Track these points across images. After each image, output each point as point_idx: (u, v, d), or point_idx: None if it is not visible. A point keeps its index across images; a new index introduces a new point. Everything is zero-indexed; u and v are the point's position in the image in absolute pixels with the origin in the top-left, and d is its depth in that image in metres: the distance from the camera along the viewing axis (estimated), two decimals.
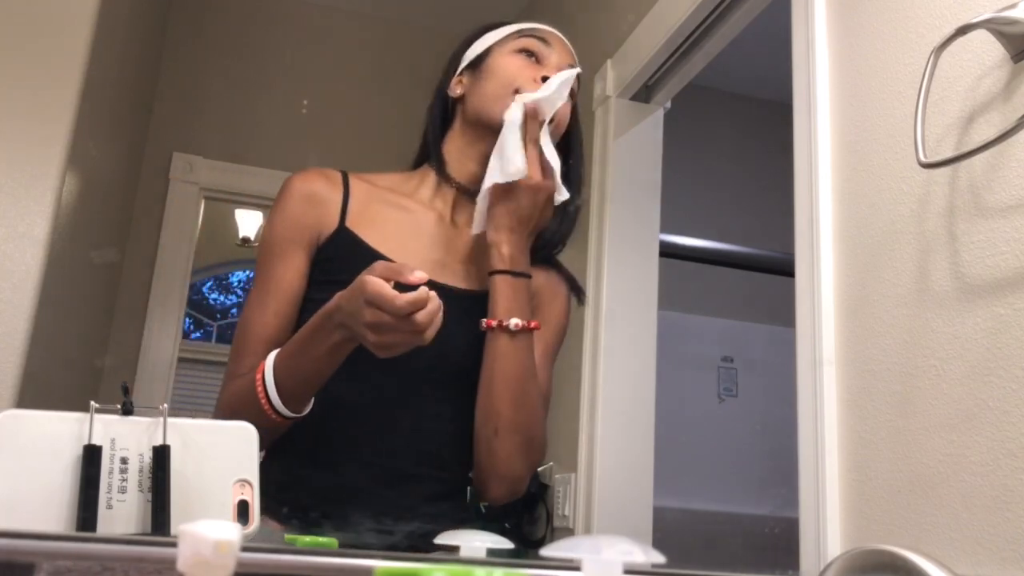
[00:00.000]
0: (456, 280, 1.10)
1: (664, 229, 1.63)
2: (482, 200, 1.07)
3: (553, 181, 1.06)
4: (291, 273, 1.05)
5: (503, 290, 1.05)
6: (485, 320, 1.04)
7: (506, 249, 1.05)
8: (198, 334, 1.77)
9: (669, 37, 1.46)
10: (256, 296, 1.07)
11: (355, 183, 1.13)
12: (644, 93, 1.63)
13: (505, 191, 1.05)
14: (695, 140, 2.11)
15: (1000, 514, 0.75)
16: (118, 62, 1.54)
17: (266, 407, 0.95)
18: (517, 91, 1.09)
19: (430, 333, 0.88)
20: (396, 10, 1.98)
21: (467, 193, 1.13)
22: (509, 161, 1.04)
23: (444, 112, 1.17)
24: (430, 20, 1.88)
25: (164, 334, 1.67)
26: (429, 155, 1.18)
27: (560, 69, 1.12)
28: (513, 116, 1.06)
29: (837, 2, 1.05)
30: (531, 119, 1.06)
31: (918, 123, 0.82)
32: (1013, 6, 0.78)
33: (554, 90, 1.07)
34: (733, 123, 2.23)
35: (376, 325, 0.87)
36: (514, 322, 1.03)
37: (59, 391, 1.33)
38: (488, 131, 1.10)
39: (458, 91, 1.16)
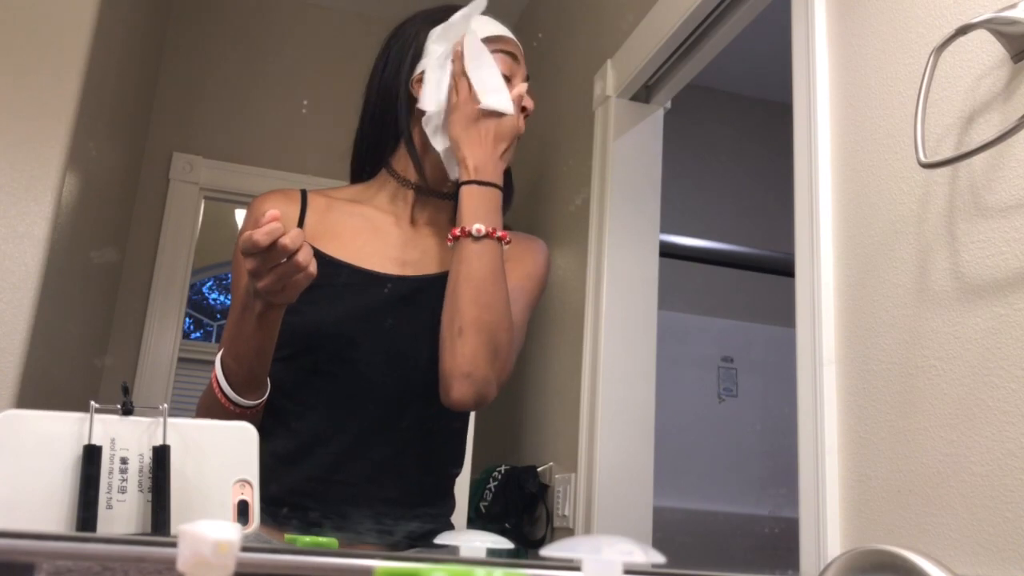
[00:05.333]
0: (418, 272, 1.12)
1: (664, 229, 1.63)
2: (432, 120, 1.09)
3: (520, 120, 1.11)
4: None
5: (466, 198, 1.06)
6: (451, 231, 1.06)
7: (471, 161, 1.07)
8: (198, 334, 1.77)
9: (669, 37, 1.46)
10: (230, 314, 1.09)
11: (313, 198, 1.15)
12: (644, 93, 1.62)
13: (477, 117, 1.08)
14: (695, 140, 2.11)
15: (1000, 514, 0.75)
16: (118, 62, 1.54)
17: (222, 399, 0.97)
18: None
19: (304, 258, 0.87)
20: (397, 10, 1.98)
21: (426, 192, 1.15)
22: (495, 92, 1.08)
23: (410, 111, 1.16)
24: None
25: (164, 334, 1.67)
26: (381, 161, 1.18)
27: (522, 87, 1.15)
28: (475, 43, 1.11)
29: (837, 2, 1.05)
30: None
31: (918, 123, 0.82)
32: (1013, 6, 0.78)
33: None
34: (733, 123, 2.22)
35: (255, 271, 0.88)
36: (476, 227, 1.04)
37: (59, 391, 1.33)
38: None
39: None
